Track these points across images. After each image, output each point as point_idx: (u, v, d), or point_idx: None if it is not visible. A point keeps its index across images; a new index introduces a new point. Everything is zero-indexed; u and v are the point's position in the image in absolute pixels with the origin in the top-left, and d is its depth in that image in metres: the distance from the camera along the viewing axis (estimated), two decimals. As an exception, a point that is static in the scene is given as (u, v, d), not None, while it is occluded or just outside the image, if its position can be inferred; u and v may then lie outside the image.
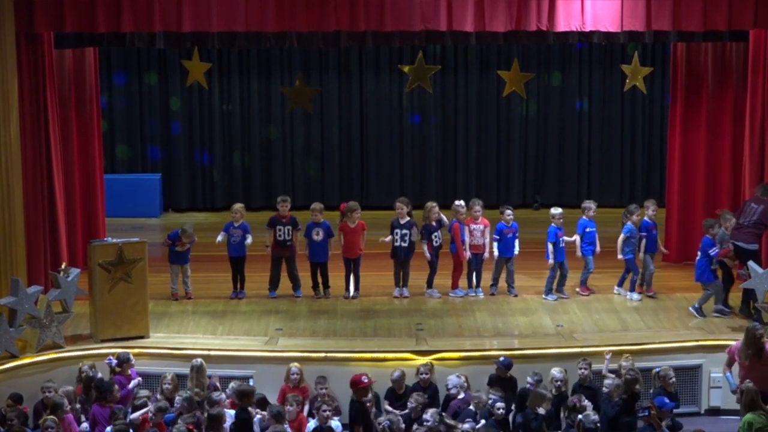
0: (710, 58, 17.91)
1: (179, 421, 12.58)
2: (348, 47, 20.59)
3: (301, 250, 16.91)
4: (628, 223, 16.52)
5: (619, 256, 16.51)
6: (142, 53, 22.29)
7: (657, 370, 13.72)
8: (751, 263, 15.36)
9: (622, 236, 16.50)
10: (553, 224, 16.70)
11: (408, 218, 16.92)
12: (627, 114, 22.94)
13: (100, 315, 15.04)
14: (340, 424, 13.35)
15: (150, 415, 12.81)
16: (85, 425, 13.23)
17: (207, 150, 22.78)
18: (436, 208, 16.95)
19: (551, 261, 16.64)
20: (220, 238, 16.89)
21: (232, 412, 12.96)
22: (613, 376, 13.70)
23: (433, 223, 16.86)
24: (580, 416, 12.69)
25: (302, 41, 16.97)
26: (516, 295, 16.80)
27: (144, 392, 13.57)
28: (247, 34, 16.59)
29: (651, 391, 13.60)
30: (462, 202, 17.10)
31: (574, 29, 16.53)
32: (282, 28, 16.37)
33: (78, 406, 13.57)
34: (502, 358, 14.12)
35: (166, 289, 16.83)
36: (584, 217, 16.86)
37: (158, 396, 13.52)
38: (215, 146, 22.76)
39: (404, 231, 16.81)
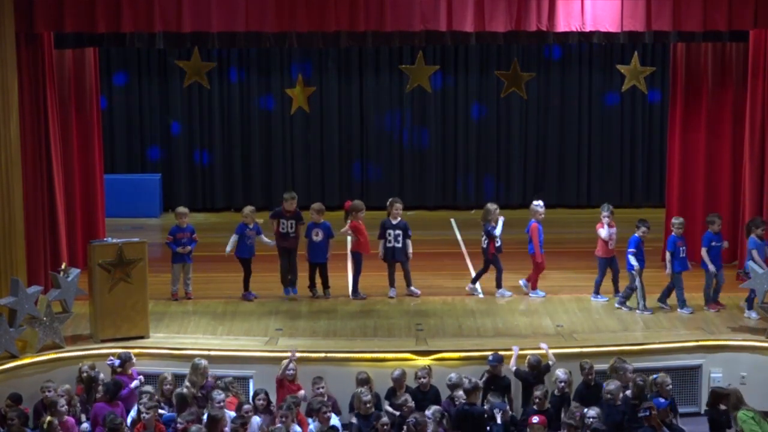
0: (710, 59, 17.89)
1: (180, 420, 12.59)
2: (348, 47, 20.58)
3: (301, 250, 16.92)
4: (752, 236, 15.82)
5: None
6: (142, 53, 22.30)
7: (654, 377, 13.62)
8: (751, 263, 15.35)
9: (754, 252, 15.74)
10: (673, 233, 16.12)
11: (399, 218, 16.88)
12: (627, 114, 22.96)
13: (100, 315, 15.03)
14: (339, 424, 13.34)
15: (143, 414, 12.76)
16: (85, 425, 13.23)
17: (207, 150, 22.82)
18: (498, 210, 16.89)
19: (668, 271, 15.96)
20: (229, 248, 16.87)
21: (232, 413, 12.95)
22: (617, 383, 13.58)
23: (494, 224, 16.77)
24: (588, 418, 12.67)
25: (302, 41, 16.96)
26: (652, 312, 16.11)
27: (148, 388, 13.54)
28: (247, 34, 16.58)
29: (648, 396, 13.57)
30: (541, 203, 17.02)
31: (574, 29, 16.51)
32: (282, 28, 16.36)
33: (78, 405, 13.58)
34: (490, 357, 14.09)
35: (166, 289, 16.83)
36: (710, 231, 16.12)
37: (157, 397, 13.50)
38: (215, 146, 22.78)
39: (397, 231, 16.79)
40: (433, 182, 23.02)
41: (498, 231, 16.64)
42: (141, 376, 14.08)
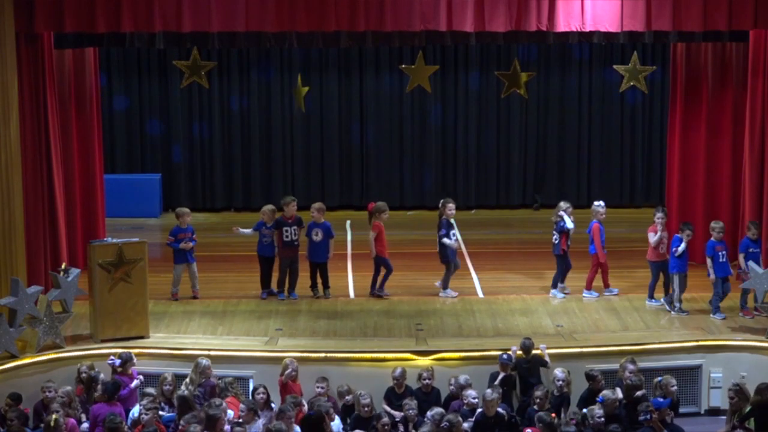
0: (710, 58, 17.89)
1: (181, 422, 12.59)
2: (348, 47, 20.58)
3: (302, 250, 16.92)
4: None
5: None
6: (142, 53, 22.30)
7: (659, 379, 13.61)
8: (750, 263, 15.35)
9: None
10: (712, 238, 15.89)
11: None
12: (627, 114, 22.97)
13: (100, 315, 15.04)
14: (340, 424, 13.34)
15: (143, 415, 12.75)
16: (85, 425, 13.23)
17: (207, 150, 22.81)
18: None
19: (712, 276, 15.71)
20: (240, 230, 16.91)
21: (231, 413, 12.95)
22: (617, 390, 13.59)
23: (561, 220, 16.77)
24: (596, 417, 12.67)
25: (302, 41, 16.97)
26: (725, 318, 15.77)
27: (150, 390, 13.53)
28: (247, 34, 16.58)
29: (651, 398, 13.55)
30: (602, 203, 17.00)
31: (574, 29, 16.51)
32: (282, 28, 16.36)
33: (79, 407, 13.57)
34: (505, 356, 14.10)
35: (166, 289, 16.82)
36: (748, 237, 15.98)
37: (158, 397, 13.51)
38: (215, 146, 22.78)
39: (454, 230, 16.84)
40: (432, 182, 23.01)
41: (569, 225, 16.59)
42: (141, 376, 14.09)
